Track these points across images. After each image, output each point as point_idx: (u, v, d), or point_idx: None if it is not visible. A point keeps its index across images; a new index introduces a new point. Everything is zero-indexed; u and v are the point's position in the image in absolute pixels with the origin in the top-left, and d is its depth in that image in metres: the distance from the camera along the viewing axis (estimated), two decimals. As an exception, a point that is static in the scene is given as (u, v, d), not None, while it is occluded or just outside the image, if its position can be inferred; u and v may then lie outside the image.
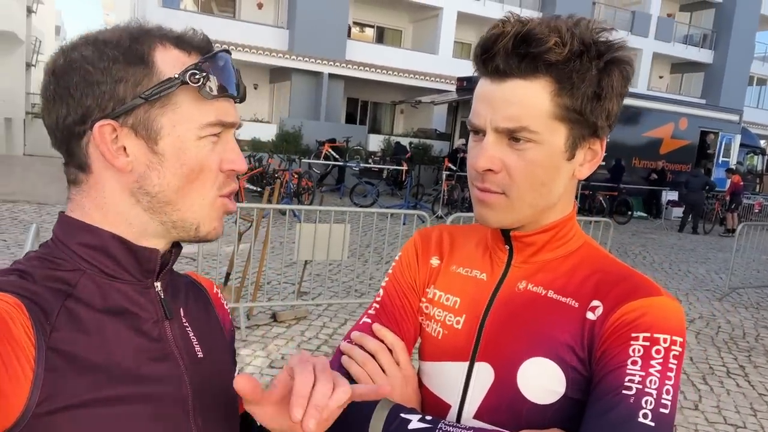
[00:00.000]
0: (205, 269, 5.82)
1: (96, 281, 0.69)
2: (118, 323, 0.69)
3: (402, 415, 0.78)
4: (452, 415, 0.86)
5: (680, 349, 0.74)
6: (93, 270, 0.70)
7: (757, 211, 16.81)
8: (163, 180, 0.69)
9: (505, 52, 0.75)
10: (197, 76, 0.68)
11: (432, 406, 0.89)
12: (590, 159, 0.83)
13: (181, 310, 0.79)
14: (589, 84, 0.76)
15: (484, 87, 0.79)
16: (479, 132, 0.81)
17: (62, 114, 0.68)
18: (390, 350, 0.90)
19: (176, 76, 0.67)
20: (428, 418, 0.78)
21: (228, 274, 5.05)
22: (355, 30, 22.19)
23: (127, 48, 0.68)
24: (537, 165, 0.78)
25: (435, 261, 0.96)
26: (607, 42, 0.77)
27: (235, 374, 0.91)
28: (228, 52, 0.74)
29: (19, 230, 7.63)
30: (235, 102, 0.75)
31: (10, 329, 0.58)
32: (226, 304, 0.92)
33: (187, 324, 0.78)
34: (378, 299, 0.97)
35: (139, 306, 0.72)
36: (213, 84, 0.69)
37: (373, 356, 0.89)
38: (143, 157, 0.69)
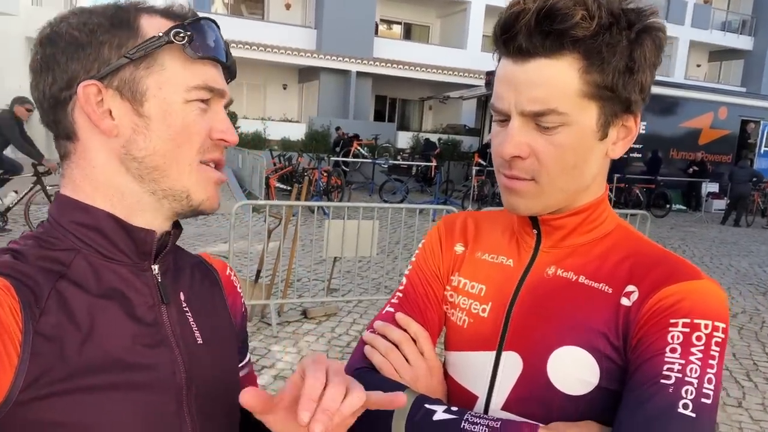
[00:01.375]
0: (237, 267, 5.89)
1: (91, 261, 0.68)
2: (110, 307, 0.67)
3: (426, 405, 0.76)
4: (479, 406, 0.83)
5: (723, 336, 0.69)
6: (88, 250, 0.68)
7: (802, 201, 16.14)
8: (149, 144, 0.68)
9: (528, 30, 0.70)
10: (182, 35, 0.67)
11: (458, 396, 0.86)
12: (624, 136, 0.78)
13: (182, 293, 0.76)
14: (620, 57, 0.71)
15: (506, 68, 0.74)
16: (503, 116, 0.76)
17: (48, 82, 0.68)
18: (414, 340, 0.87)
19: (161, 34, 0.67)
20: (454, 409, 0.75)
21: (258, 272, 5.09)
22: (382, 27, 22.17)
23: (112, 14, 0.68)
24: (567, 148, 0.73)
25: (459, 248, 0.92)
26: (637, 9, 0.72)
27: (246, 360, 0.89)
28: (215, 23, 0.73)
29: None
30: (227, 76, 0.74)
31: None
32: (239, 287, 0.89)
33: (186, 308, 0.75)
34: (401, 288, 0.94)
35: (134, 289, 0.70)
36: (199, 44, 0.68)
37: (396, 346, 0.86)
38: (129, 120, 0.68)
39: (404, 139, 18.94)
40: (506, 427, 0.72)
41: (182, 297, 0.76)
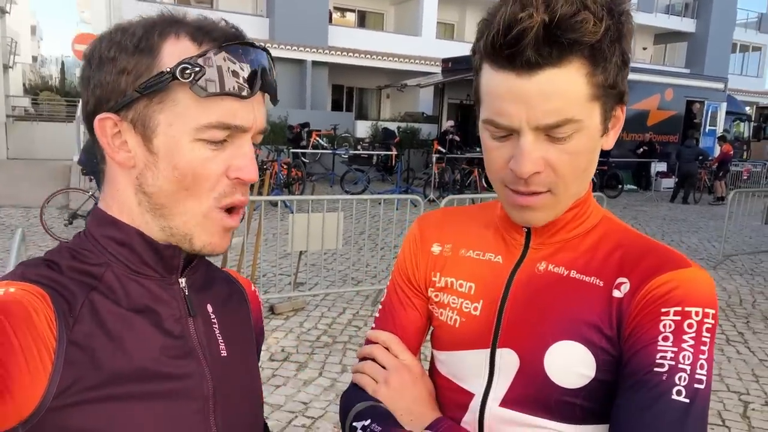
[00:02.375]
0: (199, 265, 5.75)
1: (120, 275, 0.69)
2: (140, 319, 0.68)
3: (354, 423, 0.82)
4: (476, 403, 0.82)
5: (713, 322, 0.71)
6: (118, 264, 0.69)
7: (745, 177, 16.94)
8: (156, 181, 0.67)
9: (537, 42, 0.66)
10: (188, 71, 0.63)
11: (453, 395, 0.86)
12: (613, 126, 0.78)
13: (209, 306, 0.77)
14: (618, 53, 0.70)
15: (510, 82, 0.69)
16: (506, 132, 0.73)
17: (85, 101, 0.69)
18: (387, 348, 0.91)
19: (168, 69, 0.63)
20: (365, 423, 0.80)
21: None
22: (336, 15, 21.93)
23: (139, 38, 0.66)
24: (580, 154, 0.73)
25: (436, 248, 0.92)
26: (619, 0, 0.71)
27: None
28: (253, 45, 0.68)
29: (6, 236, 7.50)
30: (272, 100, 0.72)
31: (33, 321, 0.58)
32: (263, 303, 0.91)
33: (214, 320, 0.76)
34: (382, 299, 0.97)
35: (163, 302, 0.71)
36: (209, 81, 0.64)
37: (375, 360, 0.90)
38: (141, 154, 0.67)
39: (363, 129, 18.84)
40: None
41: (210, 309, 0.77)
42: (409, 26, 21.50)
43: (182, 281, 0.73)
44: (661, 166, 16.04)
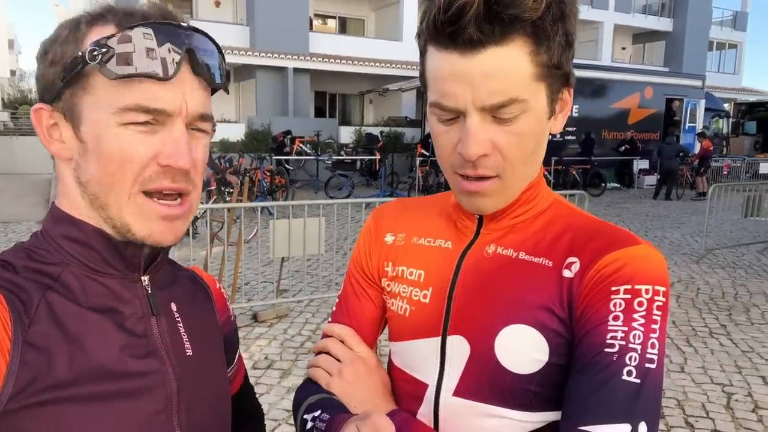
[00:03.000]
0: (181, 275, 5.69)
1: (79, 275, 0.67)
2: (100, 319, 0.66)
3: (304, 416, 0.80)
4: (430, 393, 0.80)
5: (664, 299, 0.69)
6: (76, 263, 0.68)
7: (725, 173, 17.18)
8: (88, 170, 0.66)
9: (477, 19, 0.65)
10: (96, 52, 0.62)
11: (407, 386, 0.84)
12: (561, 110, 0.77)
13: (174, 304, 0.75)
14: (562, 33, 0.69)
15: (453, 62, 0.68)
16: (453, 114, 0.72)
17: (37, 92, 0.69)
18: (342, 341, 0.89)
19: (80, 54, 0.63)
20: (316, 414, 0.79)
21: (204, 278, 4.93)
22: (317, 22, 21.93)
23: (73, 27, 0.66)
24: (527, 135, 0.72)
25: (389, 238, 0.91)
26: None
27: (232, 366, 0.90)
28: (179, 26, 0.66)
29: (-17, 252, 7.37)
30: (209, 84, 0.70)
31: None
32: (229, 301, 0.90)
33: (179, 319, 0.75)
34: (339, 293, 0.95)
35: (124, 301, 0.69)
36: (119, 62, 0.62)
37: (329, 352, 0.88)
38: (74, 143, 0.66)
39: (346, 134, 18.84)
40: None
41: (174, 308, 0.75)
42: (389, 31, 21.56)
43: (145, 279, 0.71)
44: (644, 164, 16.20)
